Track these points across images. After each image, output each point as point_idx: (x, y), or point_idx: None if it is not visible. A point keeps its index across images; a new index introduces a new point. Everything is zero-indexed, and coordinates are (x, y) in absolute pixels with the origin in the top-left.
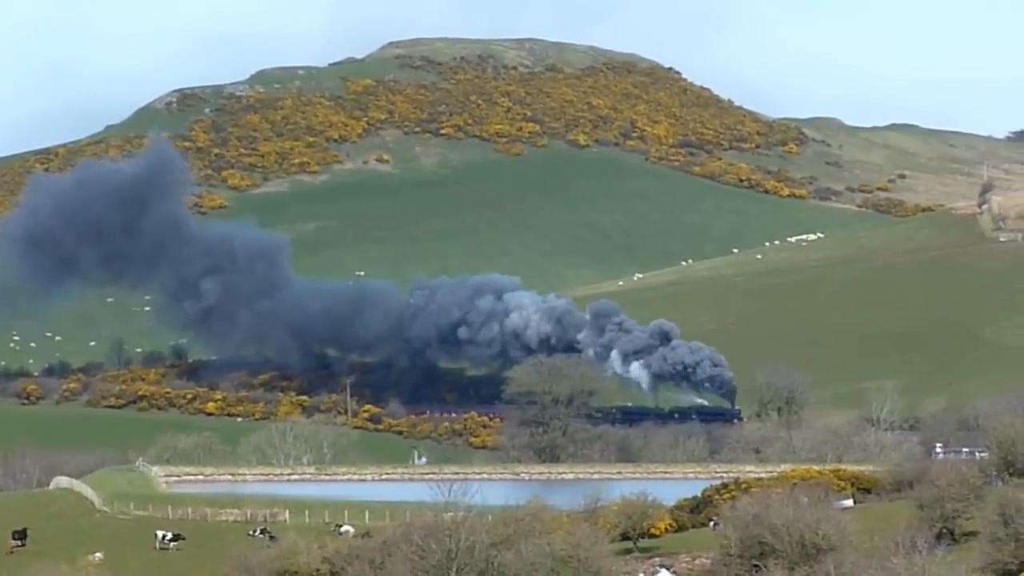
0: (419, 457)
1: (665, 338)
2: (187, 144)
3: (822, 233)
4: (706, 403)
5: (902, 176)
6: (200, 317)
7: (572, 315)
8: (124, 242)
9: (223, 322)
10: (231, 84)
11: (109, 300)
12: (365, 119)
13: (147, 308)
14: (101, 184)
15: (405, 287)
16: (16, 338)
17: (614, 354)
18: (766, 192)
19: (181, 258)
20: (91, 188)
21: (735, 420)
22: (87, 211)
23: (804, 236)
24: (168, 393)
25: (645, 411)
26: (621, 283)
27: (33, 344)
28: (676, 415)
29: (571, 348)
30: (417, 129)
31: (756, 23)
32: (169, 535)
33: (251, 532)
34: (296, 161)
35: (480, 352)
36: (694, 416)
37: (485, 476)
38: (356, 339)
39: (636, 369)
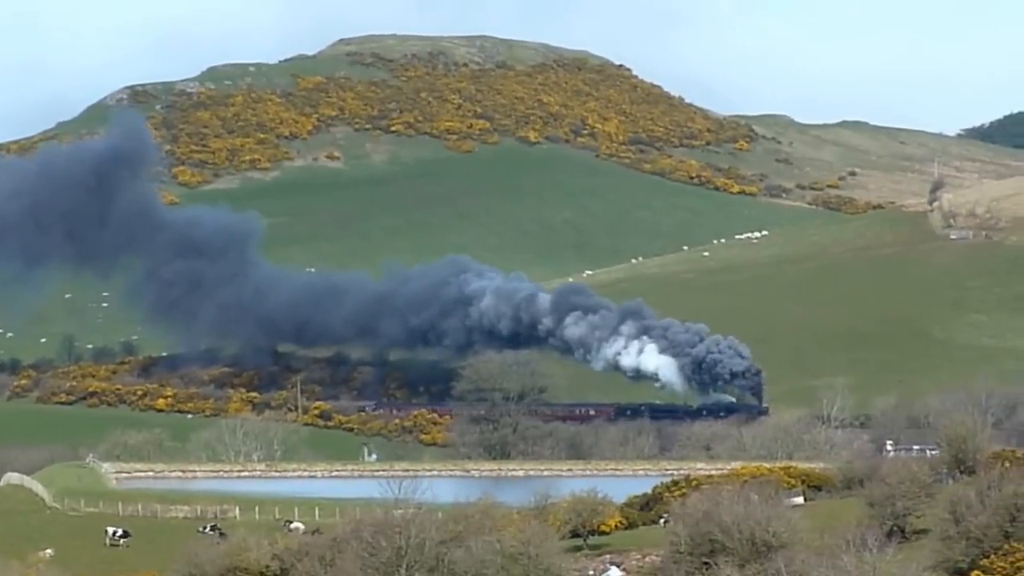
0: (369, 454)
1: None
2: None
3: (772, 230)
4: (733, 399)
5: (852, 173)
6: (164, 307)
7: (535, 303)
8: (94, 223)
9: (186, 312)
10: (182, 81)
11: (67, 296)
12: (316, 116)
13: (104, 304)
14: (69, 162)
15: (379, 277)
16: None
17: (633, 346)
18: (716, 189)
19: (151, 241)
20: (58, 167)
21: (762, 416)
22: (56, 193)
23: (751, 234)
24: (118, 389)
25: (674, 408)
26: (571, 280)
27: None
28: (704, 412)
29: (542, 338)
30: (368, 126)
31: (706, 20)
32: (120, 531)
33: (201, 529)
34: (247, 158)
35: (447, 352)
36: (722, 413)
37: (435, 473)
38: (321, 333)
39: (661, 363)
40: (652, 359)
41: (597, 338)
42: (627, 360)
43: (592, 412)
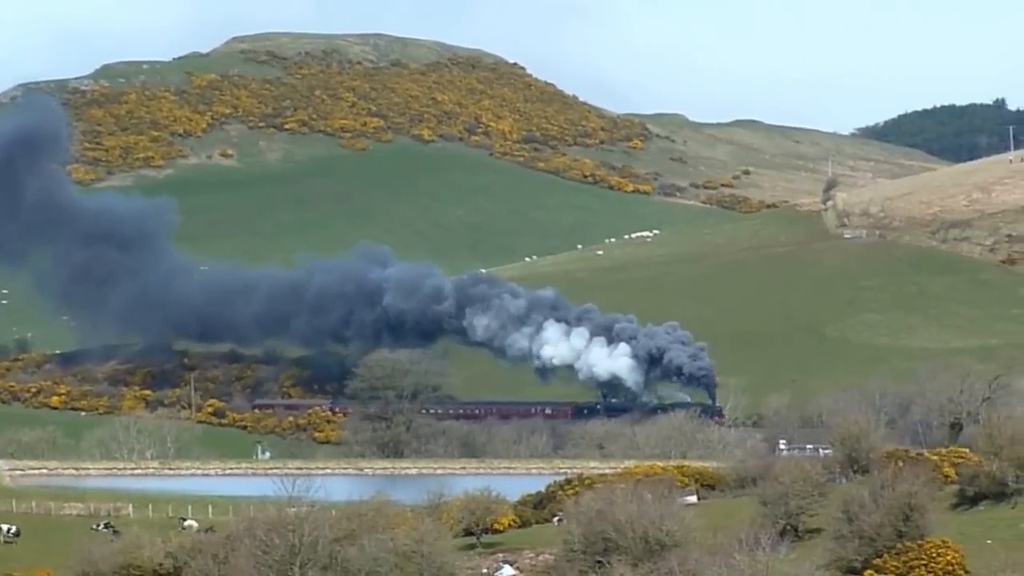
0: (263, 452)
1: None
2: None
3: (666, 229)
4: (688, 398)
5: (747, 172)
6: (72, 299)
7: (442, 296)
8: (3, 211)
9: (94, 304)
10: (75, 79)
11: None
12: (210, 114)
13: (4, 301)
14: None
15: (292, 269)
16: None
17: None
18: (611, 188)
19: (61, 229)
20: None
21: (716, 417)
22: None
23: (644, 233)
24: (12, 387)
25: (629, 406)
26: (466, 278)
27: None
28: (659, 411)
29: (454, 332)
30: (262, 124)
31: (600, 19)
32: (14, 529)
33: (95, 526)
34: (140, 156)
35: (356, 348)
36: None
37: (329, 471)
38: (228, 330)
39: (615, 356)
40: (573, 349)
41: (506, 331)
42: (555, 353)
43: (549, 411)
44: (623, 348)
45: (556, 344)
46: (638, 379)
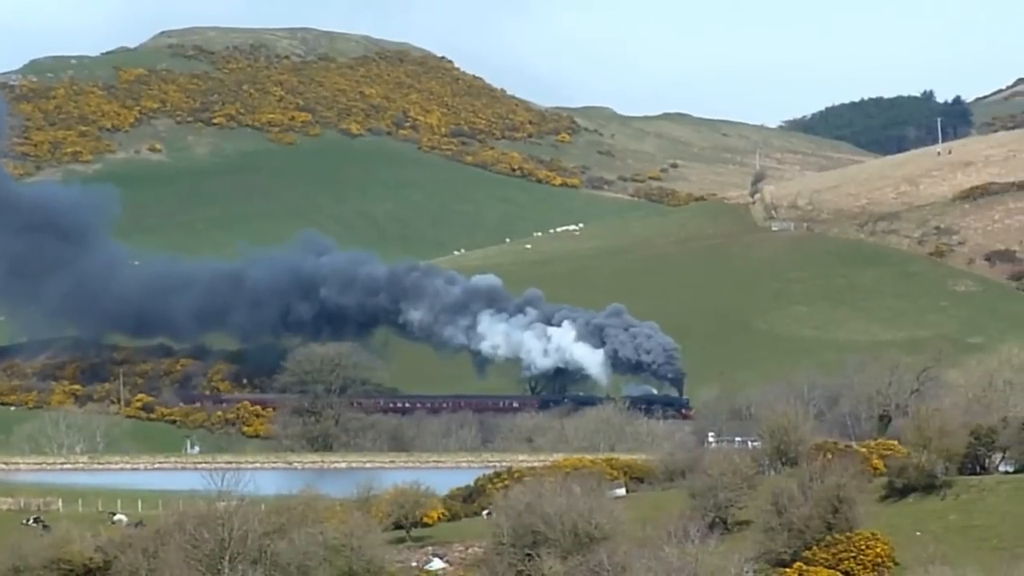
0: (192, 446)
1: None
2: None
3: (593, 223)
4: (655, 391)
5: (674, 165)
6: (7, 292)
7: (377, 286)
8: None
9: (29, 297)
10: (3, 74)
11: None
12: (137, 108)
13: None
14: None
15: (229, 261)
16: None
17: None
18: (538, 181)
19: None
20: None
21: (684, 410)
22: None
23: (572, 226)
24: None
25: (594, 399)
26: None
27: None
28: (628, 404)
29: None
30: (190, 118)
31: (528, 12)
32: None
33: (24, 521)
34: (69, 151)
35: (295, 341)
36: (643, 406)
37: (258, 465)
38: (165, 324)
39: (564, 347)
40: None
41: (441, 324)
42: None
43: (515, 404)
44: (568, 338)
45: (493, 336)
46: (596, 370)
